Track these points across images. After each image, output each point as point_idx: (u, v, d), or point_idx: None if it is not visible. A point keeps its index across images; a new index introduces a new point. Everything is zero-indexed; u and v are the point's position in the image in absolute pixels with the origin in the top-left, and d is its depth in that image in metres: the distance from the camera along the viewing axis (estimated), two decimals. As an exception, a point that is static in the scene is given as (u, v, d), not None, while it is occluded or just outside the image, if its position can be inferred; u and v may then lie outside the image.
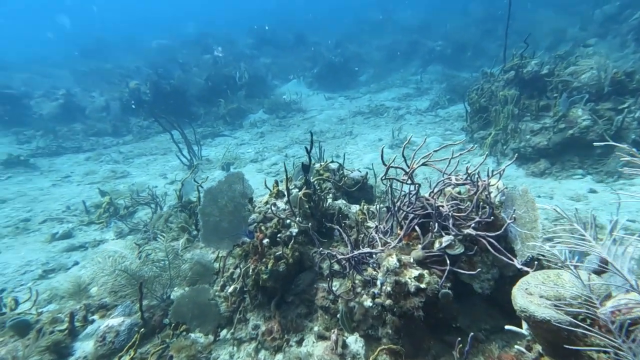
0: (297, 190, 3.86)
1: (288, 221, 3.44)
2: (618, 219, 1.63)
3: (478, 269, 2.03)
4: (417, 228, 2.60)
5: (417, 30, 21.23)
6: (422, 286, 2.15)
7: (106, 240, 5.99)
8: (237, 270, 3.45)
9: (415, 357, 2.26)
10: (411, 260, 2.40)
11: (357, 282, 2.84)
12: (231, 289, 3.22)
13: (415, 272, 2.22)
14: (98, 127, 12.47)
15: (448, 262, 2.22)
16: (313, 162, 4.94)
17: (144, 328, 3.43)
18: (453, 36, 18.66)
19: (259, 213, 3.54)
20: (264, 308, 3.29)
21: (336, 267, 3.16)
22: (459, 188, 2.64)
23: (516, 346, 1.58)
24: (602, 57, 6.48)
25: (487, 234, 2.00)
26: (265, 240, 3.21)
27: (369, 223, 3.64)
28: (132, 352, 2.89)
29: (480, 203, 2.15)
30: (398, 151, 8.85)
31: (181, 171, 8.92)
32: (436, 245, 2.40)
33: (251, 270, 3.17)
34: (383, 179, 2.64)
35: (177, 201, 5.30)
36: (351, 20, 28.57)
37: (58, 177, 9.18)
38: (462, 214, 2.24)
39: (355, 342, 2.70)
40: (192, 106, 13.75)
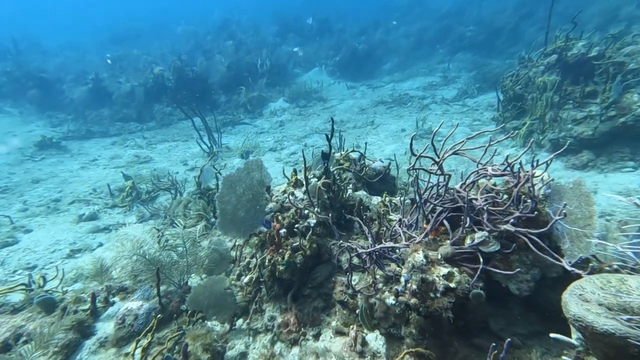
0: (316, 179, 3.72)
1: (306, 211, 3.31)
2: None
3: (517, 269, 1.83)
4: (446, 222, 2.40)
5: (448, 15, 20.21)
6: (452, 285, 1.98)
7: (128, 223, 6.10)
8: (254, 259, 3.36)
9: (440, 361, 2.10)
10: (439, 256, 2.22)
11: (378, 278, 2.69)
12: (247, 279, 3.15)
13: (444, 270, 2.04)
14: (124, 113, 12.74)
15: (481, 260, 2.02)
16: (333, 151, 4.77)
17: (162, 313, 3.43)
18: (486, 20, 17.65)
19: (277, 202, 3.43)
20: (280, 300, 3.20)
21: (355, 261, 3.02)
22: (494, 180, 2.41)
23: (564, 357, 1.39)
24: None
25: (530, 231, 1.79)
26: (282, 230, 3.10)
27: (392, 216, 3.46)
28: (150, 337, 2.87)
29: (522, 197, 1.93)
30: (422, 142, 8.53)
31: (201, 158, 8.97)
32: (467, 241, 2.21)
33: (267, 260, 3.07)
34: (410, 170, 2.46)
35: (196, 188, 5.28)
36: (380, 5, 27.66)
37: (86, 160, 9.45)
38: (499, 208, 2.03)
39: (375, 340, 2.56)
40: (214, 93, 13.79)
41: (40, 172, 8.56)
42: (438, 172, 2.44)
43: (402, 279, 2.23)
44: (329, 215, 3.23)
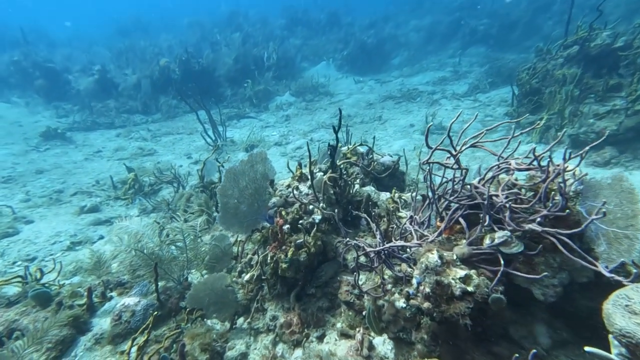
0: (322, 174, 3.56)
1: (311, 207, 3.15)
2: None
3: (543, 273, 1.65)
4: (462, 220, 2.23)
5: (460, 8, 19.73)
6: (470, 289, 1.80)
7: (130, 216, 6.01)
8: (256, 256, 3.22)
9: (454, 370, 1.94)
10: (454, 257, 2.05)
11: (387, 278, 2.53)
12: (247, 277, 3.00)
13: (461, 272, 1.87)
14: (130, 105, 12.66)
15: (502, 262, 1.85)
16: (340, 145, 4.60)
17: (160, 310, 3.31)
18: (500, 13, 17.16)
19: (280, 197, 3.27)
20: (283, 299, 3.05)
21: (362, 260, 2.86)
22: (515, 175, 2.23)
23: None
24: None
25: (560, 231, 1.61)
26: (285, 226, 2.94)
27: (401, 213, 3.29)
28: (146, 335, 2.75)
29: (551, 194, 1.75)
30: (431, 138, 8.27)
31: (206, 151, 8.85)
32: (486, 241, 2.03)
33: (270, 257, 2.92)
34: (424, 164, 2.28)
35: (199, 181, 5.15)
36: (390, -1, 27.12)
37: (90, 152, 9.39)
38: (523, 206, 1.85)
39: (383, 344, 2.41)
40: (220, 86, 13.65)
41: (44, 163, 8.50)
42: (454, 166, 2.27)
43: (414, 281, 2.07)
44: (335, 211, 3.06)
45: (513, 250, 1.85)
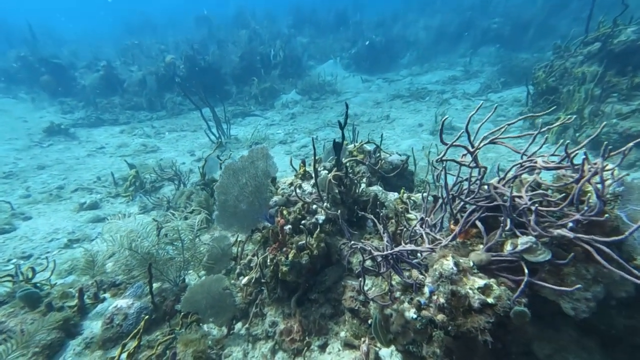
0: (327, 172, 3.38)
1: (314, 206, 2.97)
2: None
3: (576, 286, 1.45)
4: (479, 223, 2.03)
5: (471, 7, 19.37)
6: (490, 301, 1.61)
7: (124, 214, 5.87)
8: (255, 258, 3.04)
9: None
10: (471, 264, 1.85)
11: (395, 285, 2.33)
12: (245, 280, 2.83)
13: (479, 282, 1.67)
14: (134, 101, 12.58)
15: (526, 271, 1.65)
16: (346, 142, 4.41)
17: (155, 313, 3.15)
18: (513, 13, 16.79)
19: (282, 195, 3.09)
20: (284, 303, 2.88)
21: (368, 264, 2.67)
22: (536, 174, 2.02)
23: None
24: None
25: (596, 239, 1.40)
26: (287, 226, 2.76)
27: (411, 214, 3.09)
28: (137, 340, 2.58)
29: (586, 196, 1.54)
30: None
31: (209, 149, 8.71)
32: (507, 247, 1.83)
33: (269, 260, 2.75)
34: (438, 162, 2.09)
35: (200, 178, 5.00)
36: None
37: (93, 148, 9.30)
38: (552, 209, 1.65)
39: (390, 357, 2.22)
40: (225, 84, 13.52)
41: (46, 159, 8.43)
42: (472, 164, 2.07)
43: (426, 290, 1.87)
44: (340, 211, 2.88)
45: (539, 258, 1.64)
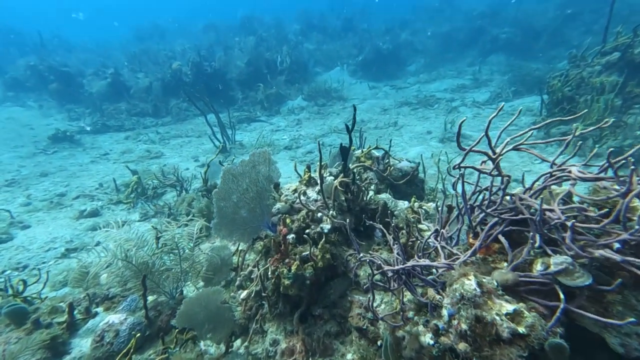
0: (333, 178, 3.19)
1: (319, 214, 2.77)
2: None
3: (629, 319, 1.22)
4: (502, 238, 1.82)
5: (480, 16, 19.23)
6: (521, 330, 1.39)
7: (132, 221, 5.73)
8: (256, 269, 2.84)
9: None
10: (495, 284, 1.63)
11: (408, 303, 2.12)
12: (244, 294, 2.63)
13: (508, 307, 1.45)
14: (140, 107, 12.58)
15: (562, 297, 1.43)
16: (353, 148, 4.23)
17: (149, 329, 2.96)
18: (524, 22, 16.61)
19: (285, 202, 2.90)
20: (286, 319, 2.66)
21: (376, 278, 2.45)
22: (563, 186, 1.81)
23: None
24: None
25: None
26: (290, 235, 2.57)
27: (423, 225, 2.88)
28: None
29: (638, 213, 1.33)
30: (450, 145, 7.85)
31: (213, 154, 8.60)
32: (537, 266, 1.62)
33: (271, 272, 2.55)
34: (455, 168, 1.89)
35: (203, 184, 4.84)
36: (408, 6, 26.84)
37: (97, 154, 9.24)
38: (593, 226, 1.43)
39: (401, 386, 1.99)
40: (231, 90, 13.48)
41: (50, 166, 8.37)
42: (493, 172, 1.86)
43: (445, 312, 1.65)
44: (347, 220, 2.68)
45: (578, 282, 1.42)
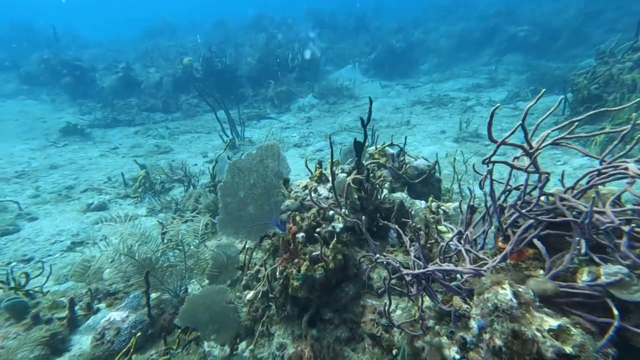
0: (345, 175, 3.02)
1: (331, 213, 2.61)
2: None
3: None
4: (538, 242, 1.63)
5: (496, 15, 18.79)
6: (568, 351, 1.20)
7: (138, 215, 5.65)
8: (263, 269, 2.69)
9: None
10: (532, 294, 1.44)
11: (427, 311, 1.94)
12: (250, 295, 2.48)
13: (551, 322, 1.27)
14: (151, 103, 12.58)
15: (615, 313, 1.24)
16: (366, 145, 4.05)
17: (151, 328, 2.83)
18: (542, 21, 16.18)
19: (295, 199, 2.74)
20: (294, 323, 2.51)
21: (392, 282, 2.28)
22: (627, 185, 1.62)
23: None
24: None
25: None
26: (299, 234, 2.41)
27: (443, 226, 2.69)
28: (127, 360, 2.26)
29: None
30: (464, 145, 7.61)
31: (221, 150, 8.53)
32: (583, 276, 1.43)
33: (279, 272, 2.39)
34: (485, 163, 1.70)
35: (210, 180, 4.72)
36: (420, 5, 26.49)
37: (107, 148, 9.23)
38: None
39: (420, 402, 1.81)
40: (242, 86, 13.41)
41: (60, 158, 8.38)
42: (530, 169, 1.67)
43: (474, 324, 1.47)
44: (364, 218, 2.51)
45: (636, 297, 1.23)
